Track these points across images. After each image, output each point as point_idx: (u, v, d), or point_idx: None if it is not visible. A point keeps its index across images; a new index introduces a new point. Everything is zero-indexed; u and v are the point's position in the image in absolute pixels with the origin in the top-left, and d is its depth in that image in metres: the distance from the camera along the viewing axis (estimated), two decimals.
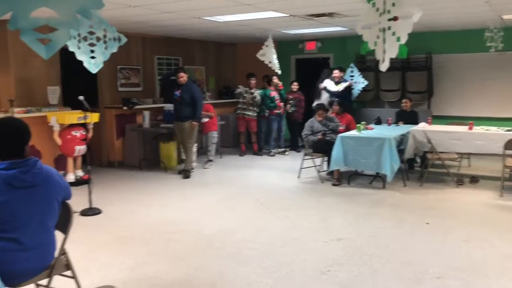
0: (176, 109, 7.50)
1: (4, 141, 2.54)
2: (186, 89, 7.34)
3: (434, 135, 6.53)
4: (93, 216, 5.33)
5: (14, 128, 2.58)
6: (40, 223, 2.61)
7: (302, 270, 3.75)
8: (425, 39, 9.27)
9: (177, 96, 7.37)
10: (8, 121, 2.62)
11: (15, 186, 2.47)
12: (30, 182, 2.53)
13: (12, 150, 2.54)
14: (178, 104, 7.42)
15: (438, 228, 4.78)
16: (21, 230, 2.51)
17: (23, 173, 2.51)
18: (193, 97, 7.36)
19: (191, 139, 7.54)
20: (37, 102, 7.06)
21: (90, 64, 4.63)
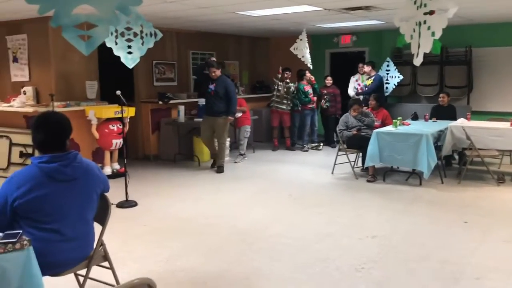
0: (209, 103, 7.33)
1: (46, 135, 2.60)
2: (220, 83, 7.22)
3: (473, 131, 6.34)
4: (129, 209, 5.44)
5: (57, 122, 2.64)
6: (79, 215, 2.68)
7: (336, 267, 3.72)
8: (465, 32, 8.98)
9: (211, 90, 7.24)
10: (51, 115, 2.68)
11: (56, 179, 2.54)
12: (70, 175, 2.60)
13: (54, 144, 2.60)
14: (211, 98, 7.27)
15: (476, 227, 4.64)
16: (62, 221, 2.58)
17: (64, 167, 2.57)
18: (227, 92, 7.23)
19: (224, 134, 7.42)
20: (76, 97, 7.25)
21: (127, 59, 4.71)
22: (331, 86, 9.37)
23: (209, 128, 7.37)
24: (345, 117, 7.13)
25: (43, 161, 2.54)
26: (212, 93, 7.23)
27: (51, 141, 2.60)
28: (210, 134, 7.43)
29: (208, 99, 7.33)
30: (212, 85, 7.21)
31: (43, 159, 2.54)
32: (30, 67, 7.27)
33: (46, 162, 2.54)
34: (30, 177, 2.50)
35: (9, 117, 7.12)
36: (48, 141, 2.60)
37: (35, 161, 2.56)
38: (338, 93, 9.36)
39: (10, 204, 2.46)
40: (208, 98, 7.33)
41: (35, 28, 7.06)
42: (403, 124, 6.91)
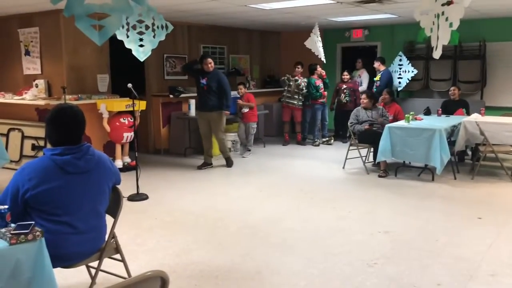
0: (202, 98, 7.03)
1: (63, 129, 2.58)
2: (213, 77, 6.92)
3: (487, 126, 6.24)
4: (140, 202, 5.45)
5: (74, 116, 2.62)
6: (92, 208, 2.67)
7: (348, 262, 3.68)
8: (479, 26, 8.85)
9: (204, 85, 6.90)
10: (67, 109, 2.64)
11: (69, 172, 2.53)
12: (83, 167, 2.58)
13: (70, 138, 2.58)
14: (205, 93, 6.95)
15: (491, 223, 4.57)
16: (74, 214, 2.57)
17: (77, 159, 2.56)
18: (221, 85, 6.93)
19: (221, 128, 7.15)
20: (87, 90, 7.27)
21: (139, 52, 4.69)
22: (349, 81, 9.24)
23: (205, 124, 7.13)
24: (356, 110, 7.07)
25: (56, 153, 2.53)
26: (205, 87, 6.93)
27: (68, 135, 2.58)
28: (208, 129, 7.18)
29: (201, 94, 7.04)
30: (203, 79, 6.91)
31: (56, 151, 2.53)
32: (42, 60, 7.31)
33: (59, 155, 2.52)
34: (42, 169, 2.49)
35: (21, 110, 7.17)
36: (65, 135, 2.58)
37: (47, 153, 2.55)
38: (357, 88, 9.24)
39: (21, 195, 2.45)
40: (201, 93, 7.04)
41: (47, 21, 7.08)
42: (416, 119, 6.83)
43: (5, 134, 7.18)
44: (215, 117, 7.04)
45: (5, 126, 7.27)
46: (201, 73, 6.97)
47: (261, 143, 9.24)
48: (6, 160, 5.92)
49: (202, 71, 6.95)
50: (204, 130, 7.19)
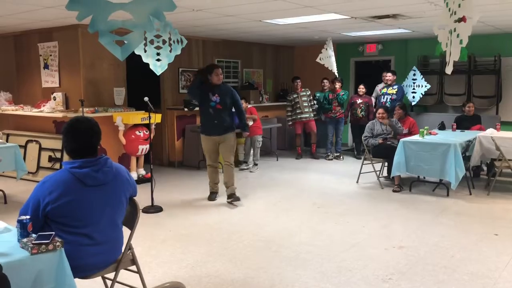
0: (213, 119, 5.70)
1: (78, 143, 2.63)
2: (225, 92, 5.74)
3: (503, 141, 6.19)
4: (154, 214, 5.49)
5: (90, 127, 2.68)
6: (109, 220, 2.70)
7: (362, 277, 3.67)
8: (494, 41, 8.84)
9: (217, 103, 5.66)
10: (84, 120, 2.71)
11: (88, 184, 2.56)
12: (102, 180, 2.62)
13: (87, 148, 2.64)
14: (218, 112, 5.69)
15: (508, 240, 4.52)
16: (93, 226, 2.61)
17: (95, 172, 2.60)
18: (235, 101, 5.86)
19: (233, 154, 6.00)
20: (104, 103, 7.39)
21: (156, 67, 4.78)
22: (364, 95, 9.24)
23: (215, 149, 5.92)
24: (371, 124, 7.07)
25: (75, 166, 2.56)
26: (218, 106, 5.68)
27: (83, 148, 2.63)
28: (217, 156, 6.02)
29: (211, 115, 5.72)
30: (214, 96, 5.66)
31: (75, 165, 2.57)
32: (60, 74, 7.46)
33: (78, 168, 2.56)
34: (62, 182, 2.53)
35: (39, 122, 7.30)
36: (80, 148, 2.63)
37: (66, 166, 2.59)
38: (371, 103, 9.23)
39: (42, 208, 2.49)
40: (211, 114, 5.71)
41: (66, 35, 7.24)
42: (430, 134, 6.81)
43: (23, 145, 7.31)
44: (230, 140, 5.85)
45: (23, 138, 7.41)
46: (209, 88, 5.71)
47: (274, 156, 9.26)
48: (25, 171, 6.05)
49: (210, 86, 5.71)
50: (214, 157, 5.99)
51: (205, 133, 5.87)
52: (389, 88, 8.82)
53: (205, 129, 5.86)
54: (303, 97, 9.04)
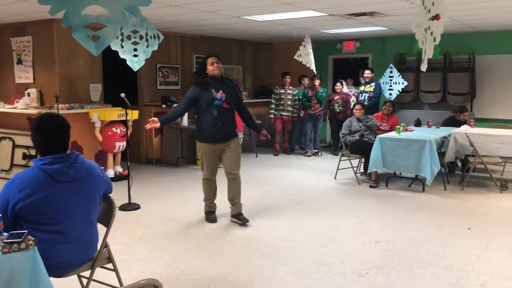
0: (218, 123, 4.67)
1: (49, 138, 2.58)
2: (229, 88, 4.80)
3: (476, 138, 6.33)
4: (131, 211, 5.44)
5: (60, 123, 2.63)
6: (83, 216, 2.67)
7: (340, 272, 3.71)
8: (468, 39, 9.02)
9: (222, 101, 4.67)
10: (53, 117, 2.66)
11: (59, 181, 2.52)
12: (73, 176, 2.58)
13: (58, 145, 2.59)
14: (223, 113, 4.69)
15: (480, 233, 4.62)
16: (66, 223, 2.57)
17: (66, 168, 2.55)
18: (240, 99, 5.03)
19: (240, 164, 4.99)
20: (80, 99, 7.27)
21: (133, 62, 4.73)
22: (342, 92, 9.32)
23: (217, 160, 4.88)
24: (349, 121, 7.14)
25: (46, 162, 2.52)
26: (224, 105, 4.67)
27: (54, 144, 2.58)
28: (217, 168, 4.99)
29: (214, 117, 4.66)
30: (219, 93, 4.65)
31: (45, 161, 2.52)
32: (35, 69, 7.30)
33: (48, 164, 2.51)
34: (32, 179, 2.48)
35: (12, 119, 7.14)
36: (53, 143, 2.58)
37: (37, 163, 2.53)
38: (349, 99, 9.33)
39: (11, 207, 2.44)
40: (214, 116, 4.66)
41: (40, 30, 7.09)
42: (406, 130, 6.91)
43: None
44: (237, 147, 4.88)
45: None
46: (210, 83, 4.69)
47: (253, 153, 9.27)
48: None
49: (210, 81, 4.71)
50: (215, 170, 4.95)
51: (206, 140, 4.72)
52: (366, 85, 8.91)
53: (207, 135, 4.71)
54: (289, 95, 9.09)
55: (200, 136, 4.82)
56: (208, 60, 4.74)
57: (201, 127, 4.79)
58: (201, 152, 4.86)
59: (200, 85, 4.70)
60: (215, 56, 4.77)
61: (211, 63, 4.72)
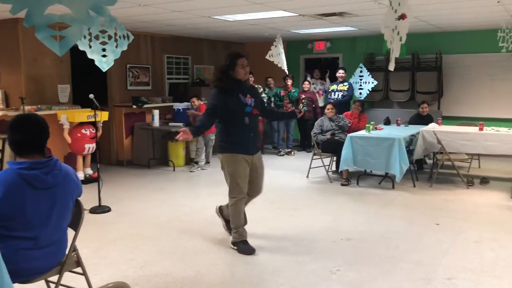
0: (251, 132, 4.13)
1: (27, 136, 2.50)
2: (252, 91, 4.25)
3: (444, 135, 6.49)
4: (102, 214, 5.35)
5: (38, 123, 2.56)
6: (56, 223, 2.60)
7: (312, 270, 3.74)
8: (436, 39, 9.24)
9: (252, 107, 4.10)
10: (31, 117, 2.59)
11: (36, 187, 2.45)
12: (50, 183, 2.51)
13: (34, 146, 2.52)
14: (254, 120, 4.17)
15: (448, 229, 4.74)
16: (38, 229, 2.50)
17: (44, 174, 2.48)
18: (262, 101, 4.52)
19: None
20: (47, 100, 7.11)
21: (101, 63, 4.65)
22: (309, 91, 9.42)
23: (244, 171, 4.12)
24: (320, 120, 7.21)
25: (23, 167, 2.43)
26: (254, 111, 4.14)
27: (32, 143, 2.51)
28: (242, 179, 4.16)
29: (246, 126, 4.08)
30: (247, 98, 4.08)
31: (23, 166, 2.44)
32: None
33: (26, 169, 2.43)
34: (6, 183, 2.39)
35: None
36: (29, 143, 2.50)
37: (13, 166, 2.44)
38: (315, 99, 9.43)
39: None
40: (247, 125, 4.08)
41: (4, 29, 6.90)
42: (376, 129, 7.03)
43: None
44: (261, 161, 4.32)
45: None
46: (237, 88, 4.07)
47: None
48: None
49: (237, 84, 4.07)
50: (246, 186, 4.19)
51: (241, 151, 4.05)
52: (339, 84, 9.01)
53: (241, 146, 4.06)
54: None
55: (231, 148, 4.06)
56: (239, 61, 4.04)
57: (231, 139, 4.03)
58: (232, 167, 4.06)
59: (225, 90, 4.03)
60: (244, 56, 4.14)
61: (243, 65, 4.06)
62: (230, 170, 4.08)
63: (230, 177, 4.11)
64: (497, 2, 5.82)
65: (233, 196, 4.15)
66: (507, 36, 7.22)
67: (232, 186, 4.13)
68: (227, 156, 4.08)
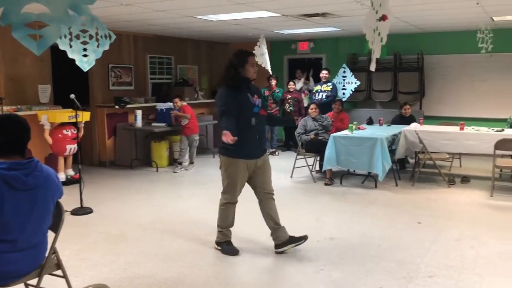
0: (257, 133, 3.99)
1: (7, 136, 2.46)
2: (257, 91, 4.10)
3: (425, 135, 6.57)
4: (84, 216, 5.28)
5: (19, 124, 2.51)
6: (36, 226, 2.55)
7: (296, 269, 3.75)
8: (417, 40, 9.35)
9: (260, 107, 4.00)
10: (11, 117, 2.55)
11: (15, 188, 2.40)
12: (30, 184, 2.46)
13: (15, 147, 2.47)
14: (261, 122, 4.04)
15: (430, 227, 4.80)
16: (17, 232, 2.45)
17: (25, 176, 2.44)
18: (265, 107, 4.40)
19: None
20: (27, 101, 7.00)
21: (82, 63, 4.58)
22: (294, 91, 9.42)
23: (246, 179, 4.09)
24: (304, 121, 7.23)
25: (3, 168, 2.38)
26: (261, 112, 4.04)
27: (13, 143, 2.46)
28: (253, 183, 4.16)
29: (253, 127, 3.93)
30: (255, 99, 3.96)
31: (2, 166, 2.39)
32: None
33: (6, 169, 2.38)
34: None
35: None
36: (10, 143, 2.46)
37: None
38: (301, 99, 9.44)
39: None
40: (253, 127, 3.92)
41: None
42: (359, 129, 7.08)
43: None
44: (268, 161, 4.21)
45: None
46: (245, 86, 3.94)
47: (210, 154, 9.23)
48: None
49: (244, 83, 3.94)
50: (242, 188, 4.15)
51: (244, 156, 3.92)
52: (323, 85, 9.05)
53: (246, 149, 3.90)
54: None
55: (235, 152, 3.88)
56: (250, 59, 3.91)
57: (238, 141, 3.74)
58: (231, 171, 3.97)
59: (235, 88, 3.85)
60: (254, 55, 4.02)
61: (253, 64, 3.95)
62: (229, 173, 3.99)
63: (228, 179, 4.03)
64: (476, 4, 5.91)
65: (225, 197, 4.12)
66: (486, 37, 7.35)
67: (228, 188, 4.06)
68: (228, 160, 3.96)
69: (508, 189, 6.39)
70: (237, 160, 3.91)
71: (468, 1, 5.81)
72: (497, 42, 7.84)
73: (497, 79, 8.93)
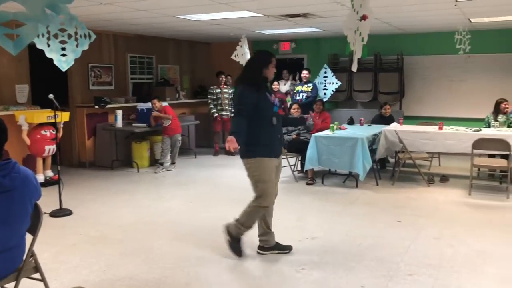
0: (278, 133, 3.99)
1: None
2: (271, 92, 4.27)
3: (405, 135, 6.65)
4: (63, 217, 5.21)
5: None
6: (13, 227, 2.51)
7: (277, 269, 3.75)
8: (397, 41, 9.47)
9: (278, 107, 4.12)
10: None
11: None
12: (7, 186, 2.42)
13: None
14: (280, 121, 4.02)
15: (409, 226, 4.86)
16: None
17: (2, 177, 2.39)
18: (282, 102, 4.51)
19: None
20: (4, 101, 6.87)
21: (61, 62, 4.50)
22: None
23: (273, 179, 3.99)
24: None
25: None
26: (280, 112, 4.10)
27: None
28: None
29: (275, 127, 3.90)
30: (272, 98, 3.98)
31: None
32: None
33: None
34: None
35: None
36: None
37: None
38: (285, 99, 9.45)
39: None
40: (275, 126, 3.90)
41: None
42: (340, 129, 7.13)
43: None
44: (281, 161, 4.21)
45: None
46: (264, 86, 3.95)
47: (192, 154, 9.18)
48: None
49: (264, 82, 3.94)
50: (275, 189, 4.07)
51: (272, 154, 3.86)
52: (304, 85, 9.08)
53: (271, 148, 3.85)
54: (225, 94, 9.12)
55: (261, 151, 3.80)
56: (273, 60, 3.87)
57: (262, 140, 3.76)
58: (263, 171, 3.82)
59: (257, 88, 3.79)
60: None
61: (274, 65, 3.90)
62: (261, 176, 3.82)
63: (261, 184, 3.85)
64: (454, 5, 6.00)
65: (259, 202, 3.92)
66: (464, 38, 7.48)
67: (265, 194, 3.87)
68: (256, 161, 3.81)
69: (486, 187, 6.52)
70: (268, 159, 3.82)
71: (446, 3, 5.90)
72: (475, 43, 8.00)
73: (474, 80, 9.10)
